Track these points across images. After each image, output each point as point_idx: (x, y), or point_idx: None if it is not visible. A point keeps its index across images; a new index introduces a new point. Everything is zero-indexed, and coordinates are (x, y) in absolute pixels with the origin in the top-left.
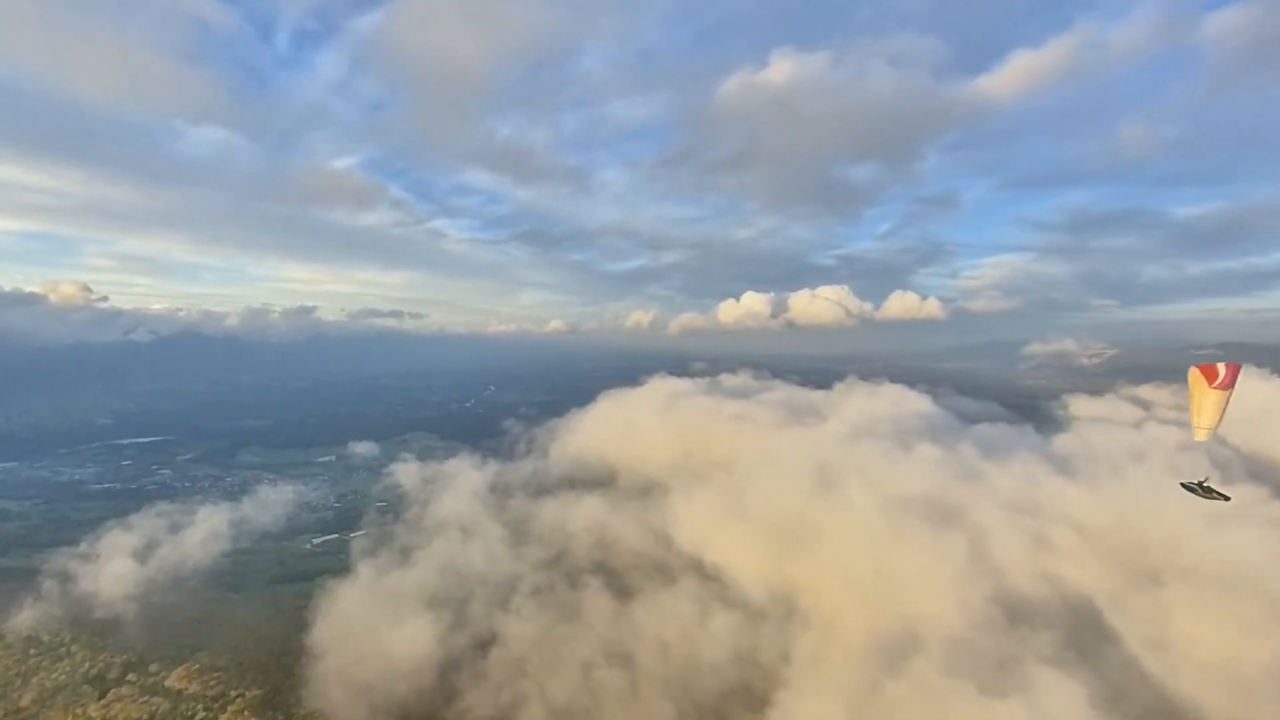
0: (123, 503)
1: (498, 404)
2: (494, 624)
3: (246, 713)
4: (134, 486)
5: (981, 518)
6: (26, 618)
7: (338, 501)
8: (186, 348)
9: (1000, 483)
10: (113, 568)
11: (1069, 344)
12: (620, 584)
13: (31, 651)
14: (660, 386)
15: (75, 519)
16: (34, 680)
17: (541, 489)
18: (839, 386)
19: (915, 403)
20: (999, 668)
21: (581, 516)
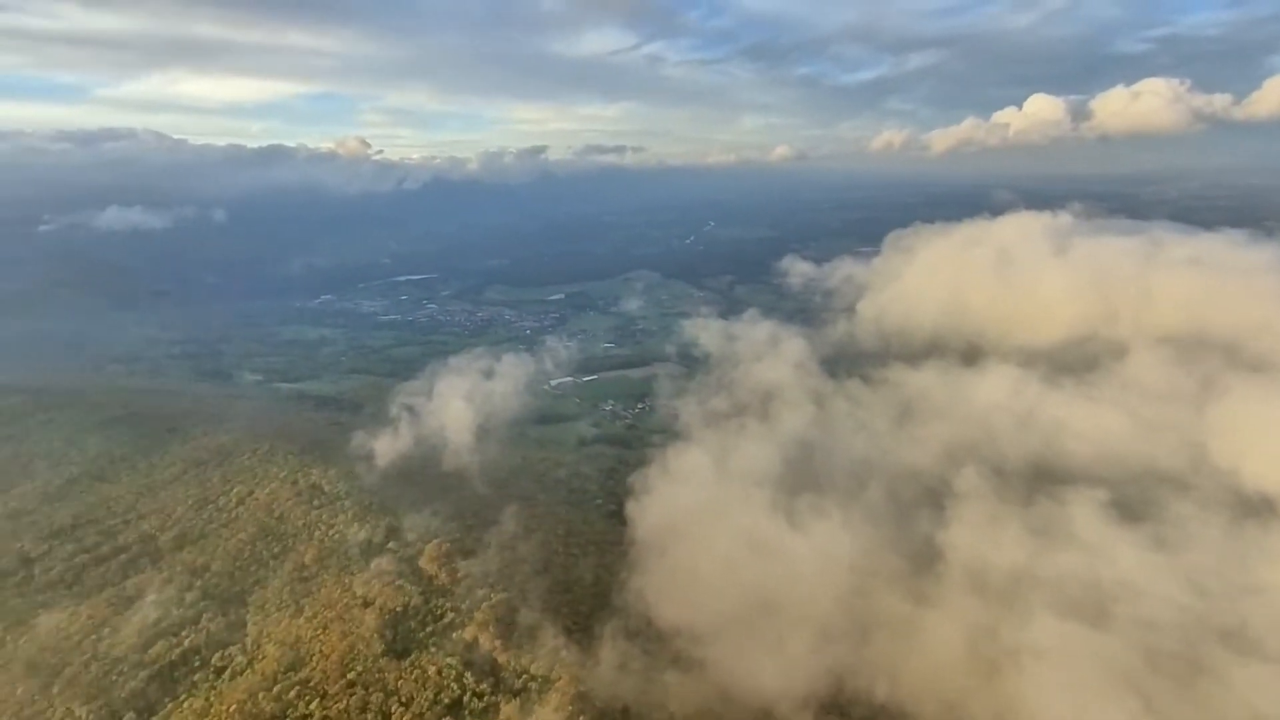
0: (403, 333)
1: (718, 240)
2: (923, 530)
3: (493, 628)
4: (410, 318)
5: None
6: (313, 459)
7: (574, 342)
8: (440, 193)
9: None
10: (398, 418)
11: None
12: (1122, 502)
13: (315, 501)
14: (1003, 226)
15: (370, 345)
16: (315, 535)
17: (870, 357)
18: None
19: None
20: None
21: (983, 395)
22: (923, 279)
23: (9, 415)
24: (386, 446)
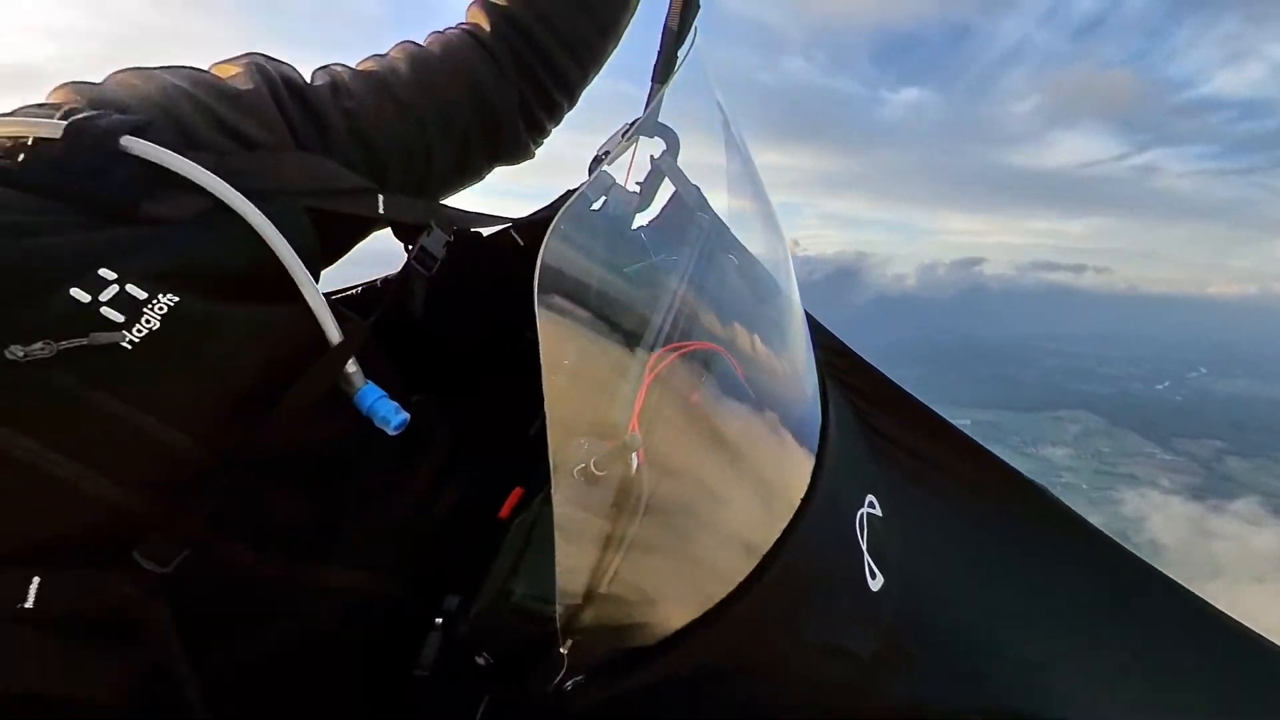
0: None
1: (1210, 392)
2: None
3: None
4: None
5: None
6: None
7: None
8: (848, 290)
9: None
10: None
11: None
12: None
13: None
14: None
15: None
16: None
17: None
18: None
19: None
20: None
21: None
22: None
23: None
24: None
